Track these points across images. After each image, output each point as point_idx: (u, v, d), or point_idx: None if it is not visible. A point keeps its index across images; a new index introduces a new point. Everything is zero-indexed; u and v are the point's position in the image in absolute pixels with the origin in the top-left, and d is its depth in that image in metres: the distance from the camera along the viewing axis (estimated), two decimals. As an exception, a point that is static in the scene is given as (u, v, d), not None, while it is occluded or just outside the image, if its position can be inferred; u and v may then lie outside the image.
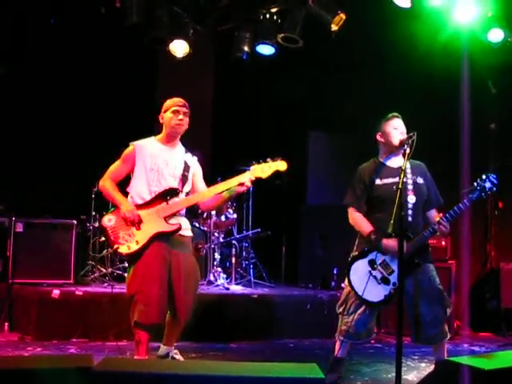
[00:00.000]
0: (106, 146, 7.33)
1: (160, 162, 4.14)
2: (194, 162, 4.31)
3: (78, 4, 6.78)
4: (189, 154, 4.31)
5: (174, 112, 4.15)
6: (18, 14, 7.02)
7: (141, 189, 4.11)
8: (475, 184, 3.81)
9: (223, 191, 4.11)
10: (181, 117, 4.15)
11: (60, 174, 7.21)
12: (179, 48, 6.80)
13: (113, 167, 4.23)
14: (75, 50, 7.38)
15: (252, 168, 4.06)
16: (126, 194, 4.17)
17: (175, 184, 4.12)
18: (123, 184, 4.22)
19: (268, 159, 4.07)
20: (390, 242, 3.81)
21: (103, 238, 4.16)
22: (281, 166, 4.07)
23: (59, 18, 7.24)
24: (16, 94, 7.27)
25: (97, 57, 7.49)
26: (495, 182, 3.79)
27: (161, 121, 4.24)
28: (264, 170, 4.05)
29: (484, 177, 3.80)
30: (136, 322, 3.96)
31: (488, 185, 3.78)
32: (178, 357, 4.35)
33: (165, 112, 4.19)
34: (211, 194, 4.16)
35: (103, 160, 4.21)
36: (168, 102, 4.22)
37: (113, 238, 4.00)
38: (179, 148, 4.30)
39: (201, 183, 4.32)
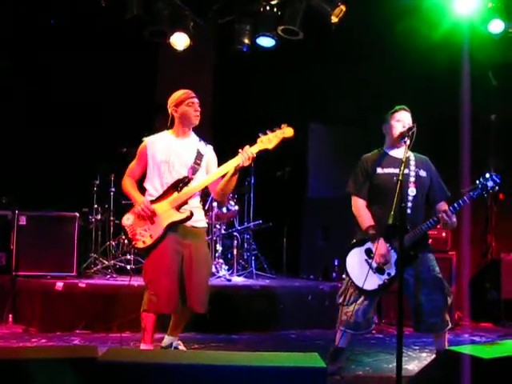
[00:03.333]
0: (107, 139, 7.38)
1: (171, 154, 4.15)
2: (207, 150, 4.29)
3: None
4: (202, 143, 4.30)
5: (189, 105, 4.15)
6: (20, 12, 7.03)
7: (154, 182, 4.16)
8: (477, 182, 3.83)
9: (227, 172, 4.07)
10: (197, 108, 4.18)
11: (62, 167, 7.24)
12: (180, 40, 6.80)
13: (130, 165, 4.31)
14: (75, 44, 7.39)
15: (258, 140, 4.00)
16: (143, 189, 4.25)
17: (185, 173, 4.13)
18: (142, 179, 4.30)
19: (275, 128, 4.01)
20: (381, 246, 3.86)
21: (124, 236, 4.21)
22: (287, 132, 4.00)
23: (60, 12, 7.23)
24: (19, 88, 7.30)
25: (97, 50, 7.49)
26: (498, 181, 3.80)
27: (174, 114, 4.20)
28: (270, 139, 3.98)
29: (487, 175, 3.81)
30: (145, 310, 4.05)
31: (490, 184, 3.79)
32: (182, 347, 4.39)
33: (178, 105, 4.17)
34: (215, 178, 4.14)
35: (105, 153, 4.26)
36: (179, 95, 4.19)
37: (131, 236, 4.10)
38: (192, 137, 4.30)
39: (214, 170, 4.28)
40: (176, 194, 4.07)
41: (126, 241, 6.44)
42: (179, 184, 4.09)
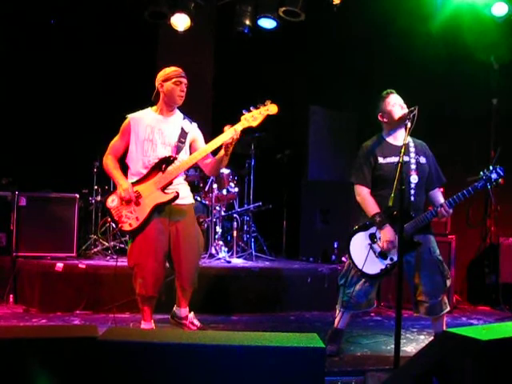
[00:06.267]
0: (107, 120, 7.34)
1: (155, 132, 4.14)
2: (192, 128, 4.28)
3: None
4: (187, 121, 4.28)
5: (176, 83, 4.14)
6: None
7: (137, 161, 4.15)
8: (481, 173, 3.86)
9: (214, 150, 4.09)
10: (183, 88, 4.16)
11: (62, 148, 7.23)
12: (180, 21, 6.76)
13: (113, 142, 4.28)
14: (75, 24, 7.34)
15: (242, 118, 4.01)
16: (125, 165, 4.23)
17: (168, 152, 4.12)
18: (124, 157, 4.27)
19: (259, 105, 4.01)
20: (388, 233, 3.87)
21: (109, 219, 4.21)
22: (271, 109, 4.02)
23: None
24: (18, 69, 7.26)
25: (97, 31, 7.44)
26: (501, 174, 3.84)
27: (160, 89, 4.20)
28: (255, 117, 4.00)
29: (491, 168, 3.85)
30: (138, 294, 4.15)
31: (494, 176, 3.83)
32: (196, 322, 4.50)
33: (165, 81, 4.16)
34: (201, 156, 4.13)
35: (105, 134, 4.26)
36: (169, 72, 4.18)
37: (116, 218, 4.09)
38: (176, 116, 4.29)
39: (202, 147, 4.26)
40: (160, 175, 4.06)
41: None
42: (162, 164, 4.08)
